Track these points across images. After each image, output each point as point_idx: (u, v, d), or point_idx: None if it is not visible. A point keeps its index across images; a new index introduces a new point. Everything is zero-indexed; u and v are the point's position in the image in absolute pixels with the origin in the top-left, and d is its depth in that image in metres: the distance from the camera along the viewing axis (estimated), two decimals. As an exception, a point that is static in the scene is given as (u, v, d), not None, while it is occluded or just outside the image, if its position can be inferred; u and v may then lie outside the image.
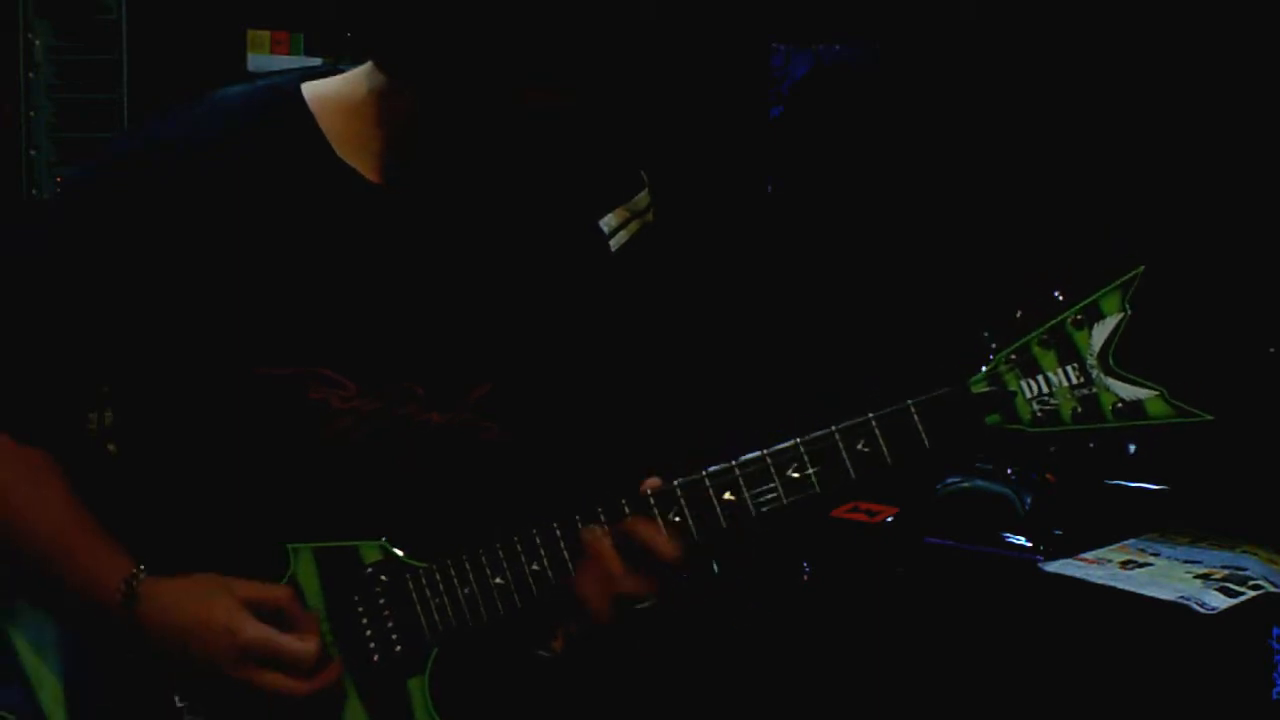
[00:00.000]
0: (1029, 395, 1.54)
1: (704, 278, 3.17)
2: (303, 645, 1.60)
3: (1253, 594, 2.37)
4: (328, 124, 1.64)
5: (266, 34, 3.34)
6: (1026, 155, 2.96)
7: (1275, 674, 2.30)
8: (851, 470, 1.55)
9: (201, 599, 1.60)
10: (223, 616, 1.59)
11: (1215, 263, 2.51)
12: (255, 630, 1.59)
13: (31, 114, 3.27)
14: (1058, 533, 2.63)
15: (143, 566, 1.62)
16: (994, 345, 1.55)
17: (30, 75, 3.26)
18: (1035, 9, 2.96)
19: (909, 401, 1.55)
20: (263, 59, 3.30)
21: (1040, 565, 2.51)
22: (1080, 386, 1.53)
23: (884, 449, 1.54)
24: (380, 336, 1.64)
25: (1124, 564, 2.51)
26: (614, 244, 2.45)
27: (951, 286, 2.91)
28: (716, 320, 3.16)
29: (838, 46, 3.25)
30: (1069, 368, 1.53)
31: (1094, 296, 1.52)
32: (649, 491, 1.60)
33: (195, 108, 1.66)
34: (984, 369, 1.54)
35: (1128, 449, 1.54)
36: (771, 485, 1.56)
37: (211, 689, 1.62)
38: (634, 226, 2.59)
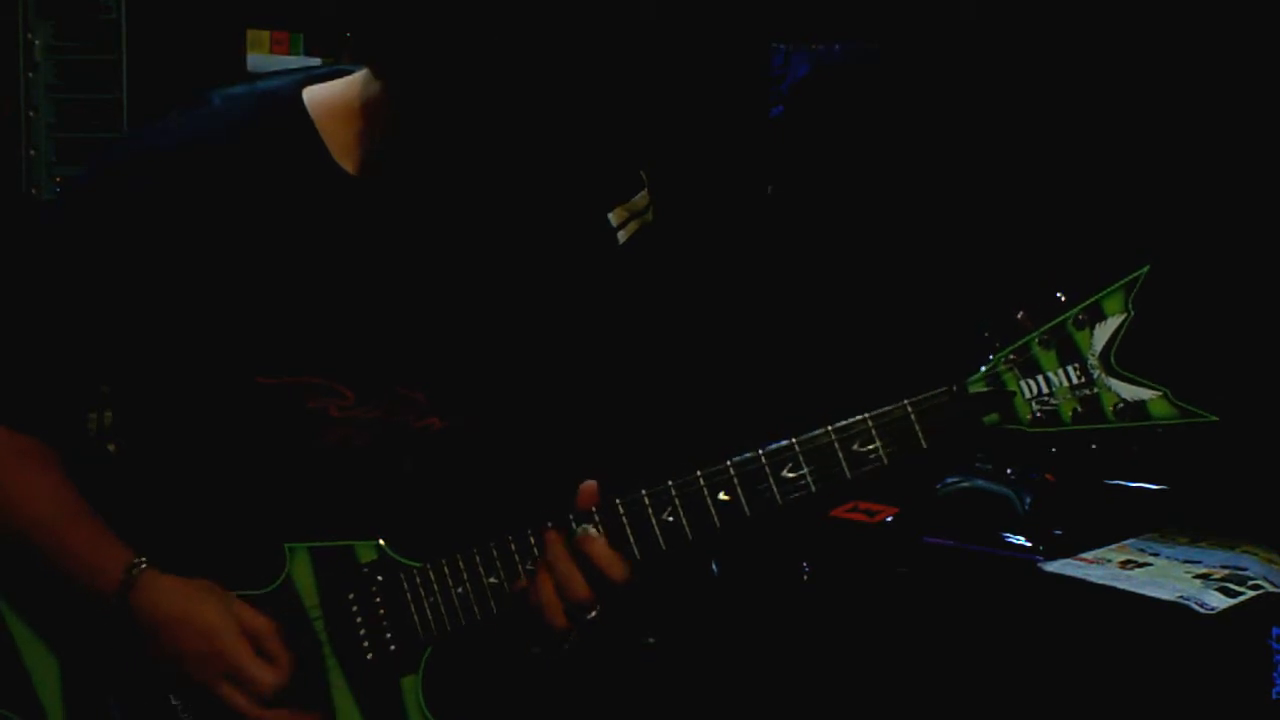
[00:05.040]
0: (1028, 395, 1.52)
1: (704, 277, 3.17)
2: (267, 675, 1.61)
3: (1252, 594, 2.36)
4: (327, 130, 1.63)
5: (266, 34, 3.34)
6: (1028, 155, 2.96)
7: (1275, 674, 2.29)
8: (847, 470, 1.55)
9: (193, 597, 1.61)
10: (207, 618, 1.60)
11: (1220, 264, 2.50)
12: (232, 643, 1.60)
13: (31, 114, 3.27)
14: (1057, 532, 2.62)
15: (145, 558, 1.63)
16: (995, 345, 1.54)
17: (30, 75, 3.26)
18: (1035, 9, 2.95)
19: (906, 401, 1.54)
20: (262, 59, 3.29)
21: (1040, 565, 2.51)
22: (1081, 387, 1.51)
23: (880, 449, 1.54)
24: (379, 346, 1.64)
25: (1123, 564, 2.50)
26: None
27: (951, 286, 2.91)
28: (716, 319, 3.16)
29: (838, 46, 3.24)
30: (1070, 368, 1.51)
31: (1096, 297, 1.50)
32: (644, 491, 1.60)
33: (196, 111, 1.66)
34: (983, 369, 1.54)
35: (1130, 451, 1.52)
36: (766, 485, 1.56)
37: (195, 689, 1.63)
38: (633, 226, 2.58)
